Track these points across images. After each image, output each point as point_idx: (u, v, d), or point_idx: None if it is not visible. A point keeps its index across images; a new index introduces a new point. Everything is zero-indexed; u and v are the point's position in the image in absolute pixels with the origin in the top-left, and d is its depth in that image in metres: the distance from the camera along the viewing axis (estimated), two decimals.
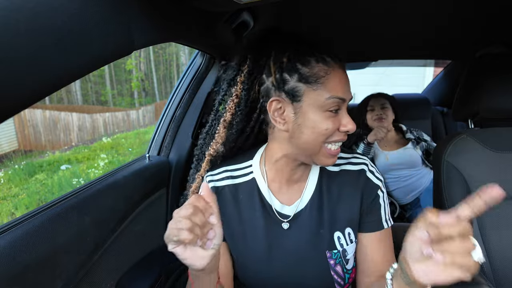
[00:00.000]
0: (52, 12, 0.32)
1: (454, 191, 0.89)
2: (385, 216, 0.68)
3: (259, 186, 0.70)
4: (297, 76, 0.58)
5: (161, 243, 1.03)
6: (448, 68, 2.21)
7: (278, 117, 0.62)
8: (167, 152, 1.14)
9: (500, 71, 0.91)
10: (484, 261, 0.41)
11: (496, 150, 0.87)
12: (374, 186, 0.68)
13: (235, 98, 0.67)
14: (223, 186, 0.70)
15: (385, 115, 1.70)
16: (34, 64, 0.32)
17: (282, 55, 0.60)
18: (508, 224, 0.85)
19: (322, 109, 0.58)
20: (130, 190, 0.86)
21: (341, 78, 0.59)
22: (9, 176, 5.88)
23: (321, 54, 0.59)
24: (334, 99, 0.57)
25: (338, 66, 0.59)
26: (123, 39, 0.44)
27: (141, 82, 18.65)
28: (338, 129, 0.59)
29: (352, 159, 0.70)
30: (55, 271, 0.60)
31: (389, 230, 0.69)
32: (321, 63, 0.58)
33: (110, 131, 11.68)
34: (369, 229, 0.67)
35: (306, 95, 0.58)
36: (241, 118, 0.68)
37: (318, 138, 0.59)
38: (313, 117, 0.58)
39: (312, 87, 0.58)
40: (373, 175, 0.69)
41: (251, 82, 0.65)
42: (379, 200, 0.68)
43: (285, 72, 0.59)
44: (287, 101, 0.60)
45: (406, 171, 1.66)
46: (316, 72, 0.58)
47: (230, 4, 0.57)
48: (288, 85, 0.59)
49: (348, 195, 0.67)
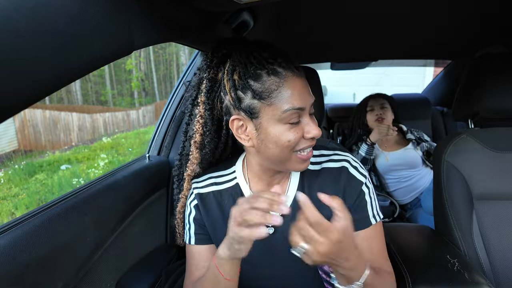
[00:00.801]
0: (52, 12, 0.32)
1: (454, 191, 0.89)
2: (372, 211, 0.67)
3: (243, 190, 0.71)
4: (251, 93, 0.57)
5: (161, 243, 1.03)
6: (448, 68, 2.21)
7: (242, 134, 0.62)
8: (167, 152, 1.14)
9: (500, 71, 0.91)
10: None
11: (496, 150, 0.87)
12: (358, 183, 0.66)
13: (200, 119, 0.67)
14: (207, 192, 0.72)
15: (384, 115, 1.70)
16: (34, 64, 0.32)
17: (233, 72, 0.59)
18: (508, 224, 0.85)
19: (281, 122, 0.57)
20: (130, 190, 0.85)
21: (295, 87, 0.57)
22: (9, 176, 5.88)
23: (272, 66, 0.57)
24: (290, 111, 0.56)
25: (291, 75, 0.57)
26: (123, 39, 0.44)
27: (141, 82, 18.64)
28: (303, 137, 0.59)
29: (333, 156, 0.70)
30: (55, 271, 0.60)
31: (378, 225, 0.68)
32: (273, 76, 0.56)
33: (110, 131, 11.68)
34: (356, 227, 0.65)
35: (262, 111, 0.57)
36: (210, 137, 0.68)
37: (284, 150, 0.59)
38: (274, 131, 0.58)
39: (267, 103, 0.56)
40: (356, 170, 0.68)
41: (212, 101, 0.65)
42: (365, 197, 0.67)
43: (239, 90, 0.58)
44: (247, 118, 0.59)
45: (407, 172, 1.66)
46: (268, 87, 0.56)
47: (230, 4, 0.57)
48: (244, 103, 0.58)
49: (329, 193, 0.67)
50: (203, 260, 0.71)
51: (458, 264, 0.74)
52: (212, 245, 0.72)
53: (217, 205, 0.71)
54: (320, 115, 1.31)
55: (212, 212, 0.71)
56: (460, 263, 0.75)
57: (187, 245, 0.74)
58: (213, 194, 0.72)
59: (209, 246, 0.72)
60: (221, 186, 0.73)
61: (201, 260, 0.71)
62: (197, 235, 0.72)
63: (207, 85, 0.64)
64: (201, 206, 0.72)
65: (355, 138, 1.79)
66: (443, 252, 0.80)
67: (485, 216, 0.86)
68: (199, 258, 0.71)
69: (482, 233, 0.86)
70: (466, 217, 0.87)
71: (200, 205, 0.72)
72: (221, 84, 0.63)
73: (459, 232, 0.87)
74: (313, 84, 1.26)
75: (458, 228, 0.87)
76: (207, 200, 0.72)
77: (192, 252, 0.72)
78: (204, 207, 0.71)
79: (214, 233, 0.71)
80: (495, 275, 0.84)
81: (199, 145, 0.70)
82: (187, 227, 0.74)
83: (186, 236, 0.74)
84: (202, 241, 0.72)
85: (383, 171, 1.71)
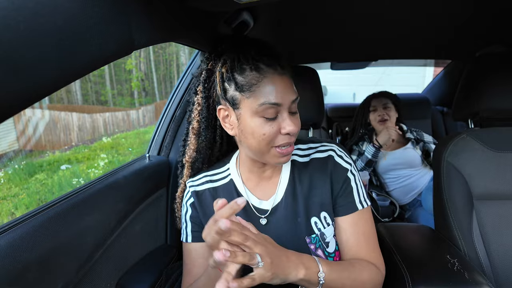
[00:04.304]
0: (52, 12, 0.32)
1: (454, 191, 0.89)
2: (359, 197, 0.70)
3: (237, 186, 0.74)
4: (234, 85, 0.62)
5: (161, 243, 1.03)
6: (448, 68, 2.21)
7: (227, 123, 0.67)
8: (167, 152, 1.14)
9: (500, 71, 0.91)
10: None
11: (496, 150, 0.87)
12: (343, 170, 0.70)
13: (197, 106, 0.73)
14: (203, 190, 0.75)
15: (387, 115, 1.68)
16: (34, 64, 0.32)
17: (223, 65, 0.64)
18: (508, 224, 0.85)
19: (258, 115, 0.60)
20: (130, 190, 0.86)
21: (275, 83, 0.60)
22: (9, 176, 5.88)
23: (257, 62, 0.60)
24: (265, 105, 0.59)
25: (272, 72, 0.60)
26: (123, 39, 0.44)
27: (141, 82, 18.65)
28: (280, 132, 0.61)
29: (320, 147, 0.74)
30: (55, 271, 0.60)
31: (365, 211, 0.70)
32: (255, 71, 0.60)
33: (110, 131, 11.67)
34: (342, 212, 0.69)
35: (242, 103, 0.62)
36: (206, 125, 0.74)
37: (261, 143, 0.62)
38: (251, 123, 0.61)
39: (245, 95, 0.61)
40: (341, 159, 0.72)
41: (208, 90, 0.71)
42: (350, 183, 0.70)
43: (225, 82, 0.63)
44: (230, 108, 0.64)
45: (406, 171, 1.66)
46: (249, 81, 0.60)
47: (229, 4, 0.57)
48: (228, 94, 0.63)
49: (318, 181, 0.70)
50: (200, 257, 0.72)
51: (458, 264, 0.74)
52: None
53: (213, 201, 0.72)
54: (320, 115, 1.31)
55: (208, 209, 0.73)
56: (460, 263, 0.75)
57: (184, 243, 0.75)
58: (209, 191, 0.75)
59: (205, 243, 0.72)
60: (216, 183, 0.75)
61: (198, 258, 0.72)
62: (194, 233, 0.73)
63: (205, 75, 0.70)
64: (197, 203, 0.74)
65: (356, 138, 1.78)
66: (443, 252, 0.80)
67: (485, 216, 0.86)
68: (196, 255, 0.72)
69: (482, 233, 0.86)
70: (466, 217, 0.87)
71: (196, 202, 0.74)
72: (215, 75, 0.68)
73: (459, 232, 0.87)
74: (313, 84, 1.26)
75: (458, 228, 0.87)
76: (203, 197, 0.74)
77: (189, 250, 0.73)
78: (200, 205, 0.73)
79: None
80: (495, 275, 0.84)
81: (196, 131, 0.76)
82: (184, 225, 0.76)
83: (183, 234, 0.75)
84: (198, 238, 0.73)
85: (382, 170, 1.71)
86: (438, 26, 1.07)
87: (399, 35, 1.19)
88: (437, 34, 1.16)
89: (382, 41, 1.28)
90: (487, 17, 0.97)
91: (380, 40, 1.27)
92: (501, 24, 1.02)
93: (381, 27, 1.08)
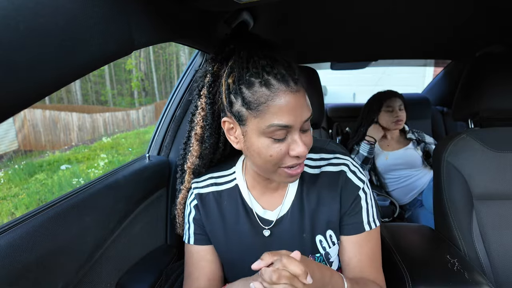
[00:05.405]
0: (53, 12, 0.32)
1: (454, 191, 0.89)
2: (367, 218, 0.66)
3: (242, 192, 0.71)
4: (241, 100, 0.55)
5: (161, 243, 1.03)
6: (448, 68, 2.20)
7: (232, 136, 0.62)
8: (167, 152, 1.14)
9: (500, 71, 0.91)
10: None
11: (496, 150, 0.87)
12: (355, 187, 0.66)
13: (201, 111, 0.66)
14: (207, 192, 0.72)
15: (402, 116, 1.67)
16: (34, 64, 0.32)
17: (230, 75, 0.57)
18: (508, 224, 0.85)
19: (265, 136, 0.55)
20: (130, 190, 0.85)
21: (286, 103, 0.53)
22: (9, 176, 5.88)
23: (268, 76, 0.53)
24: (274, 127, 0.53)
25: (284, 90, 0.53)
26: (123, 39, 0.44)
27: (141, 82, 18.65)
28: (288, 154, 0.56)
29: (333, 159, 0.69)
30: (55, 271, 0.60)
31: (372, 233, 0.66)
32: (265, 87, 0.53)
33: (110, 131, 11.67)
34: (348, 232, 0.66)
35: (248, 120, 0.55)
36: (210, 132, 0.67)
37: (267, 163, 0.57)
38: (257, 143, 0.56)
39: (253, 114, 0.54)
40: (354, 175, 0.67)
41: (213, 96, 0.63)
42: (360, 202, 0.66)
43: (231, 94, 0.57)
44: (236, 123, 0.58)
45: (406, 171, 1.66)
46: (257, 98, 0.53)
47: (229, 4, 0.57)
48: (234, 108, 0.57)
49: (327, 197, 0.66)
50: (201, 260, 0.72)
51: (458, 264, 0.74)
52: (211, 246, 0.72)
53: (217, 205, 0.71)
54: (320, 115, 1.31)
55: (211, 212, 0.71)
56: (460, 263, 0.75)
57: (186, 244, 0.74)
58: (213, 195, 0.72)
59: (207, 246, 0.72)
60: (221, 186, 0.73)
61: (199, 260, 0.72)
62: (197, 235, 0.72)
63: (210, 79, 0.63)
64: (201, 206, 0.72)
65: (358, 138, 1.77)
66: (443, 252, 0.80)
67: (485, 216, 0.86)
68: (198, 258, 0.72)
69: (482, 233, 0.86)
70: (466, 217, 0.87)
71: (200, 205, 0.72)
72: (221, 82, 0.62)
73: (459, 232, 0.87)
74: (313, 84, 1.26)
75: (458, 228, 0.87)
76: (206, 200, 0.72)
77: (191, 252, 0.73)
78: (204, 208, 0.72)
79: (212, 233, 0.71)
80: (495, 275, 0.84)
81: (199, 138, 0.69)
82: (187, 226, 0.75)
83: (185, 235, 0.75)
84: (201, 241, 0.72)
85: (383, 170, 1.71)
86: (438, 26, 1.07)
87: (399, 35, 1.19)
88: (437, 34, 1.16)
89: (382, 41, 1.28)
90: (487, 17, 0.97)
91: (380, 40, 1.27)
92: (501, 24, 1.02)
93: (381, 27, 1.08)
